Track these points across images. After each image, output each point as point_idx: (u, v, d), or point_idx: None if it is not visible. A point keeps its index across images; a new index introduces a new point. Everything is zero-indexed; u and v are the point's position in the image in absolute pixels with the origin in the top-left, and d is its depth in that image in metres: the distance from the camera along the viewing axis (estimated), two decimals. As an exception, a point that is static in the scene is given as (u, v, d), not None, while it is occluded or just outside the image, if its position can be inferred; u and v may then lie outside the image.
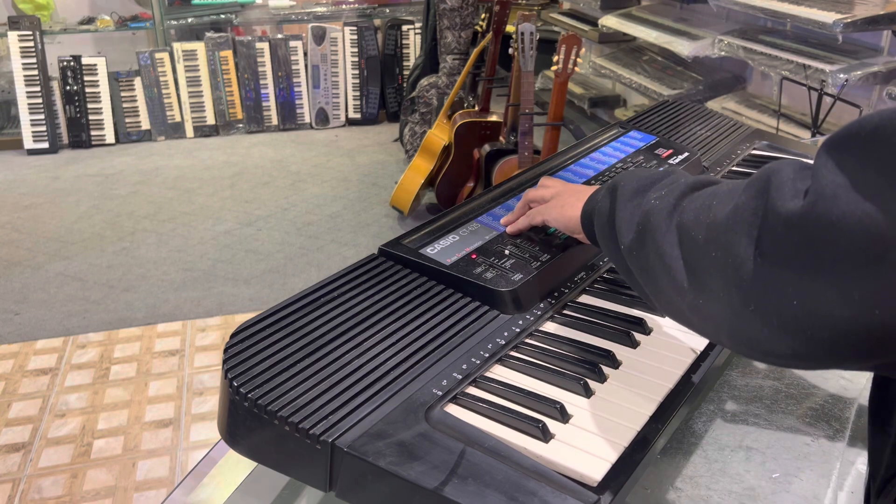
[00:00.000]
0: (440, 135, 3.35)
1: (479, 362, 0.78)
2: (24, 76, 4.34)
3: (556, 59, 2.56)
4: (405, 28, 4.88)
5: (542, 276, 0.91)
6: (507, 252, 0.93)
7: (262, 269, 3.10)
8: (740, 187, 0.56)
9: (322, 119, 4.87)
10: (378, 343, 0.77)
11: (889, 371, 0.56)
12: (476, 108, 3.47)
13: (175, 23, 4.70)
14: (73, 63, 4.42)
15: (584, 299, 0.94)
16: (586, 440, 0.70)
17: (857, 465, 0.80)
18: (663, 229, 0.63)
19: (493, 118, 3.28)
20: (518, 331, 0.84)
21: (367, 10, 5.03)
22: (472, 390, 0.76)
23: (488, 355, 0.80)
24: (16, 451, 2.13)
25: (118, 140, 4.59)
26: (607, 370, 0.80)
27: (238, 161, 4.32)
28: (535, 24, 2.58)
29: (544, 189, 0.96)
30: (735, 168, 1.33)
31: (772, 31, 2.95)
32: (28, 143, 4.40)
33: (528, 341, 0.84)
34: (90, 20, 4.68)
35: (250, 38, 4.67)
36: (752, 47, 2.79)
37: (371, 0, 5.06)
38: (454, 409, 0.73)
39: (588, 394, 0.76)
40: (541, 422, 0.70)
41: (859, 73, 2.39)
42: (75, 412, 2.28)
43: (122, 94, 4.55)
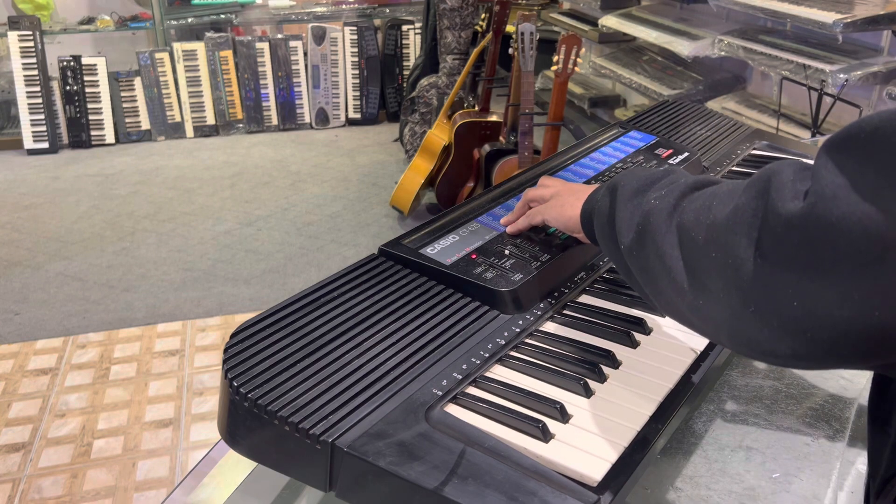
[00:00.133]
0: (440, 135, 3.35)
1: (479, 362, 0.78)
2: (24, 76, 4.34)
3: (556, 59, 2.56)
4: (405, 28, 4.88)
5: (542, 276, 0.91)
6: (507, 252, 0.94)
7: (262, 269, 3.10)
8: (740, 188, 0.56)
9: (322, 119, 4.87)
10: (378, 343, 0.77)
11: (889, 371, 0.56)
12: (476, 108, 3.47)
13: (175, 23, 4.70)
14: (73, 63, 4.42)
15: (584, 299, 0.94)
16: (586, 440, 0.70)
17: (857, 465, 0.80)
18: (663, 230, 0.63)
19: (493, 118, 3.28)
20: (518, 331, 0.84)
21: (367, 10, 5.03)
22: (472, 390, 0.76)
23: (488, 355, 0.80)
24: (16, 451, 2.13)
25: (118, 140, 4.59)
26: (607, 370, 0.80)
27: (238, 161, 4.32)
28: (535, 24, 2.58)
29: (544, 189, 0.96)
30: (735, 168, 1.33)
31: (772, 31, 2.95)
32: (28, 143, 4.41)
33: (528, 341, 0.84)
34: (90, 20, 4.68)
35: (250, 38, 4.67)
36: (752, 47, 2.79)
37: (371, 0, 5.06)
38: (454, 409, 0.73)
39: (588, 394, 0.76)
40: (541, 422, 0.70)
41: (859, 73, 2.39)
42: (75, 412, 2.28)
43: (122, 94, 4.55)
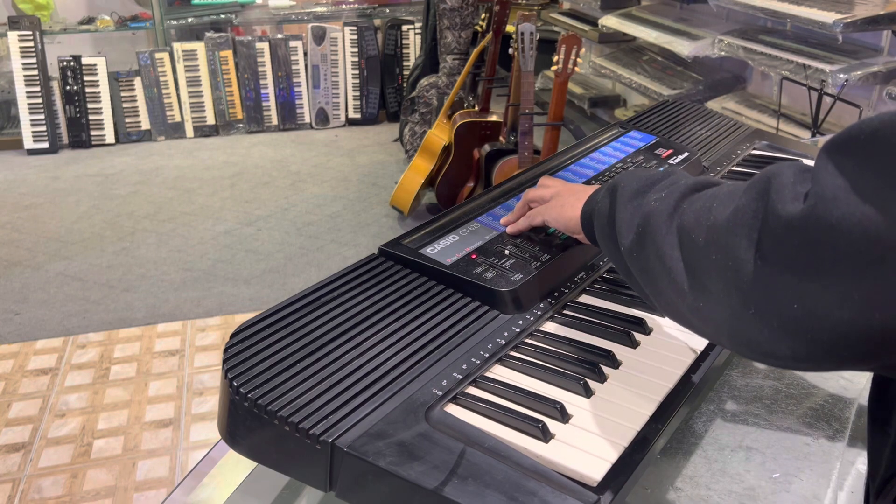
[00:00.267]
0: (440, 135, 3.35)
1: (479, 362, 0.78)
2: (24, 76, 4.34)
3: (556, 59, 2.56)
4: (405, 28, 4.88)
5: (542, 276, 0.91)
6: (507, 252, 0.94)
7: (262, 269, 3.10)
8: (740, 189, 0.56)
9: (322, 119, 4.87)
10: (378, 343, 0.77)
11: (889, 372, 0.56)
12: (476, 108, 3.47)
13: (175, 23, 4.70)
14: (73, 63, 4.42)
15: (584, 299, 0.94)
16: (586, 440, 0.70)
17: (857, 465, 0.80)
18: (663, 231, 0.63)
19: (493, 118, 3.28)
20: (518, 331, 0.84)
21: (367, 10, 5.03)
22: (472, 390, 0.76)
23: (488, 355, 0.80)
24: (16, 451, 2.13)
25: (118, 140, 4.59)
26: (607, 370, 0.80)
27: (238, 161, 4.32)
28: (535, 24, 2.58)
29: (544, 189, 0.96)
30: (735, 168, 1.33)
31: (772, 31, 2.95)
32: (28, 143, 4.41)
33: (528, 341, 0.84)
34: (90, 20, 4.68)
35: (250, 38, 4.67)
36: (752, 47, 2.79)
37: (371, 0, 5.06)
38: (454, 409, 0.73)
39: (588, 394, 0.76)
40: (541, 422, 0.70)
41: (859, 73, 2.39)
42: (75, 412, 2.28)
43: (122, 94, 4.55)
